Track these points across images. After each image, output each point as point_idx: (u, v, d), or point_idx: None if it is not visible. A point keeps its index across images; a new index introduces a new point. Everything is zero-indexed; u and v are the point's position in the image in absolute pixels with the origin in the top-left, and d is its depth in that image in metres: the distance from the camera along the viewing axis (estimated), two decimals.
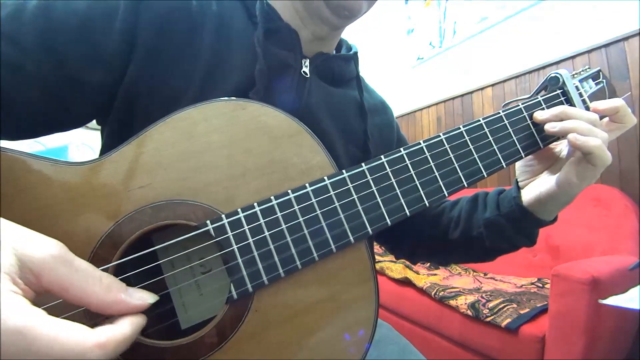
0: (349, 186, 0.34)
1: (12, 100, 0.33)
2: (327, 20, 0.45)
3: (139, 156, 0.30)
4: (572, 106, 0.44)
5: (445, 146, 0.38)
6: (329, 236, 0.32)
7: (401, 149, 0.36)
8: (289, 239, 0.31)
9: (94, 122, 0.43)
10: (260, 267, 0.30)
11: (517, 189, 0.47)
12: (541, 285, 1.31)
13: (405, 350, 0.53)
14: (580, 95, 0.45)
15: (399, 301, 1.45)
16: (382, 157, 0.36)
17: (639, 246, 1.17)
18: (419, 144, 0.37)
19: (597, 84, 0.48)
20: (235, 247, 0.30)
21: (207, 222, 0.30)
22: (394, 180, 0.35)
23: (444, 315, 1.21)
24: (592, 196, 1.35)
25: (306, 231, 0.32)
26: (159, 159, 0.30)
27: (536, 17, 1.74)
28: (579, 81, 0.46)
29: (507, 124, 0.41)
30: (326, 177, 0.34)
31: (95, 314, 0.23)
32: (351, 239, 0.33)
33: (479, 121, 0.40)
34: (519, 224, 0.46)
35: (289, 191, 0.32)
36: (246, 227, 0.31)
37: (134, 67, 0.37)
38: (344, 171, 0.34)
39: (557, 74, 0.46)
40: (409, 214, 0.35)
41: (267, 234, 0.31)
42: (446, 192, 0.37)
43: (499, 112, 0.42)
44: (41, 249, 0.20)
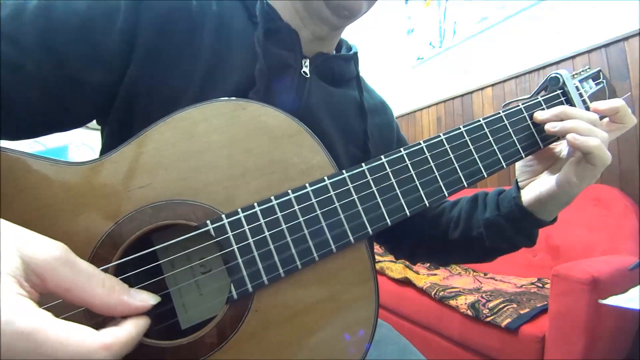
0: (349, 186, 0.34)
1: (12, 100, 0.33)
2: (327, 20, 0.45)
3: (139, 156, 0.30)
4: (572, 106, 0.44)
5: (445, 146, 0.38)
6: (329, 236, 0.32)
7: (401, 149, 0.36)
8: (289, 239, 0.31)
9: (94, 122, 0.43)
10: (260, 267, 0.30)
11: (517, 189, 0.47)
12: (541, 285, 1.31)
13: (405, 350, 0.53)
14: (580, 95, 0.45)
15: (399, 301, 1.45)
16: (382, 157, 0.36)
17: (639, 246, 1.17)
18: (419, 144, 0.37)
19: (597, 84, 0.48)
20: (235, 247, 0.30)
21: (207, 222, 0.30)
22: (394, 180, 0.35)
23: (444, 315, 1.21)
24: (592, 196, 1.35)
25: (306, 231, 0.32)
26: (159, 159, 0.30)
27: (536, 17, 1.74)
28: (579, 81, 0.46)
29: (507, 124, 0.41)
30: (326, 177, 0.34)
31: (95, 315, 0.23)
32: (351, 239, 0.33)
33: (479, 121, 0.40)
34: (518, 224, 0.46)
35: (289, 191, 0.32)
36: (246, 227, 0.31)
37: (134, 67, 0.37)
38: (344, 171, 0.34)
39: (557, 74, 0.46)
40: (409, 214, 0.35)
41: (267, 234, 0.31)
42: (446, 192, 0.37)
43: (499, 112, 0.42)
44: (45, 251, 0.20)
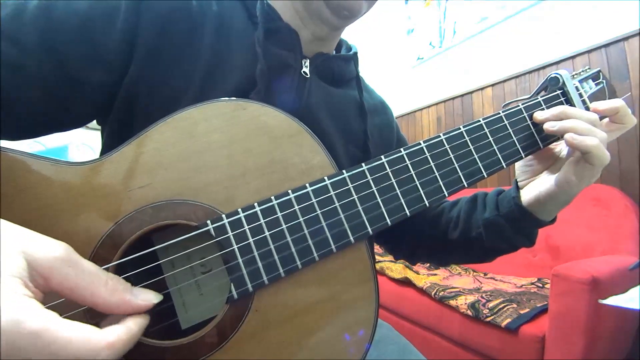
0: (349, 186, 0.34)
1: (13, 100, 0.33)
2: (327, 20, 0.45)
3: (139, 156, 0.30)
4: (572, 106, 0.44)
5: (445, 146, 0.38)
6: (329, 236, 0.32)
7: (401, 149, 0.36)
8: (289, 238, 0.31)
9: (94, 122, 0.43)
10: (260, 266, 0.30)
11: (516, 189, 0.47)
12: (541, 285, 1.31)
13: (405, 350, 0.53)
14: (580, 95, 0.45)
15: (399, 301, 1.45)
16: (382, 157, 0.36)
17: (639, 246, 1.17)
18: (419, 144, 0.37)
19: (597, 85, 0.48)
20: (235, 246, 0.30)
21: (208, 222, 0.30)
22: (394, 180, 0.35)
23: (444, 315, 1.21)
24: (592, 196, 1.35)
25: (306, 231, 0.32)
26: (160, 159, 0.30)
27: (536, 17, 1.74)
28: (579, 81, 0.46)
29: (507, 124, 0.41)
30: (326, 177, 0.34)
31: (96, 313, 0.23)
32: (351, 238, 0.33)
33: (479, 121, 0.40)
34: (518, 224, 0.46)
35: (289, 191, 0.32)
36: (246, 227, 0.31)
37: (134, 67, 0.37)
38: (344, 171, 0.34)
39: (557, 74, 0.46)
40: (409, 214, 0.35)
41: (267, 233, 0.31)
42: (446, 192, 0.37)
43: (499, 113, 0.42)
44: (48, 251, 0.21)
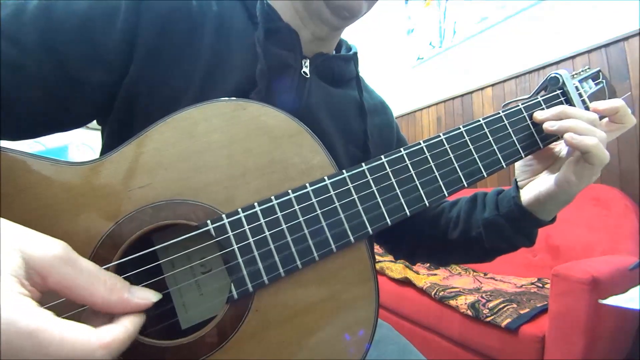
0: (349, 186, 0.34)
1: (13, 100, 0.33)
2: (327, 20, 0.45)
3: (139, 156, 0.30)
4: (572, 106, 0.44)
5: (445, 146, 0.38)
6: (329, 236, 0.32)
7: (401, 149, 0.36)
8: (289, 238, 0.31)
9: (94, 122, 0.43)
10: (260, 266, 0.30)
11: (516, 189, 0.47)
12: (541, 285, 1.31)
13: (405, 350, 0.53)
14: (580, 95, 0.45)
15: (399, 301, 1.45)
16: (382, 157, 0.36)
17: (639, 246, 1.17)
18: (419, 144, 0.37)
19: (596, 84, 0.48)
20: (235, 246, 0.30)
21: (208, 221, 0.30)
22: (394, 180, 0.35)
23: (444, 315, 1.21)
24: (592, 196, 1.35)
25: (306, 231, 0.32)
26: (159, 159, 0.30)
27: (536, 17, 1.74)
28: (579, 81, 0.46)
29: (507, 124, 0.41)
30: (326, 177, 0.34)
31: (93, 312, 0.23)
32: (351, 238, 0.33)
33: (479, 121, 0.40)
34: (518, 223, 0.46)
35: (289, 191, 0.32)
36: (246, 227, 0.31)
37: (134, 67, 0.37)
38: (344, 171, 0.34)
39: (557, 74, 0.46)
40: (409, 213, 0.35)
41: (267, 233, 0.31)
42: (446, 192, 0.37)
43: (499, 112, 0.42)
44: (46, 250, 0.20)
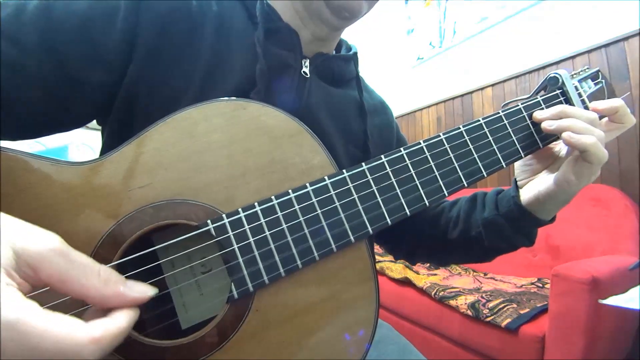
0: (349, 186, 0.34)
1: (13, 100, 0.33)
2: (327, 21, 0.45)
3: (139, 156, 0.30)
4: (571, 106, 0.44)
5: (445, 146, 0.38)
6: (329, 235, 0.32)
7: (401, 148, 0.36)
8: (289, 238, 0.31)
9: (94, 122, 0.43)
10: (260, 266, 0.30)
11: (515, 189, 0.47)
12: (541, 285, 1.31)
13: (405, 350, 0.53)
14: (579, 95, 0.45)
15: (399, 301, 1.45)
16: (383, 156, 0.36)
17: (639, 246, 1.17)
18: (419, 143, 0.37)
19: (596, 84, 0.48)
20: (235, 246, 0.30)
21: (208, 221, 0.30)
22: (394, 179, 0.35)
23: (444, 315, 1.21)
24: (592, 196, 1.35)
25: (307, 231, 0.32)
26: (160, 159, 0.30)
27: (536, 17, 1.74)
28: (578, 81, 0.46)
29: (507, 124, 0.41)
30: (326, 177, 0.34)
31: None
32: (352, 238, 0.33)
33: (479, 121, 0.40)
34: (517, 223, 0.46)
35: (290, 191, 0.32)
36: (247, 227, 0.31)
37: (134, 67, 0.37)
38: (344, 171, 0.34)
39: (557, 74, 0.46)
40: (409, 213, 0.35)
41: (267, 233, 0.31)
42: (446, 192, 0.37)
43: (499, 112, 0.42)
44: (38, 242, 0.20)
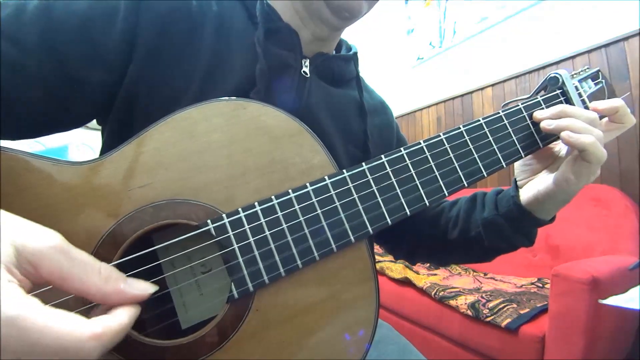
0: (349, 186, 0.34)
1: (13, 100, 0.33)
2: (327, 21, 0.45)
3: (139, 156, 0.30)
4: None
5: (445, 146, 0.38)
6: (329, 235, 0.32)
7: (401, 148, 0.36)
8: (289, 238, 0.31)
9: (94, 122, 0.43)
10: (261, 266, 0.30)
11: (515, 188, 0.47)
12: (541, 285, 1.31)
13: (405, 350, 0.53)
14: (579, 95, 0.45)
15: (399, 301, 1.45)
16: (383, 156, 0.36)
17: (639, 246, 1.17)
18: (419, 143, 0.37)
19: (596, 84, 0.48)
20: (235, 246, 0.30)
21: (208, 221, 0.30)
22: (394, 179, 0.35)
23: (444, 315, 1.21)
24: (592, 196, 1.35)
25: (307, 230, 0.32)
26: (160, 159, 0.30)
27: (536, 17, 1.74)
28: (579, 81, 0.46)
29: (507, 123, 0.41)
30: (327, 177, 0.34)
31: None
32: (352, 238, 0.33)
33: (479, 121, 0.40)
34: (517, 223, 0.46)
35: (290, 190, 0.32)
36: (247, 227, 0.31)
37: (134, 67, 0.37)
38: (344, 171, 0.34)
39: (557, 74, 0.46)
40: (409, 213, 0.35)
41: (267, 233, 0.31)
42: (446, 192, 0.37)
43: (499, 112, 0.42)
44: (39, 239, 0.20)
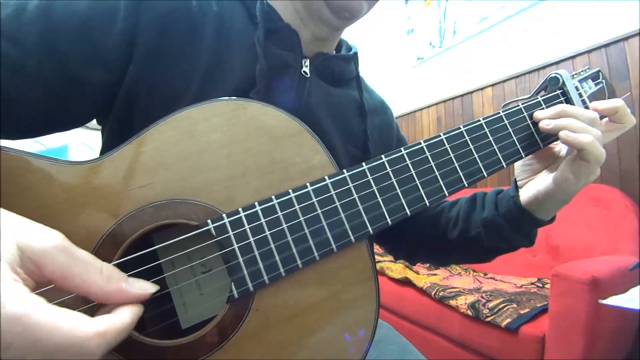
0: (349, 186, 0.34)
1: (13, 100, 0.33)
2: (328, 21, 0.45)
3: (139, 156, 0.30)
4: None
5: (445, 146, 0.38)
6: (329, 235, 0.32)
7: (402, 148, 0.36)
8: (289, 238, 0.31)
9: (94, 122, 0.43)
10: (261, 266, 0.30)
11: (515, 189, 0.47)
12: (541, 285, 1.31)
13: (405, 350, 0.53)
14: (580, 95, 0.45)
15: (399, 301, 1.45)
16: (383, 156, 0.36)
17: (639, 246, 1.17)
18: (420, 143, 0.37)
19: (596, 84, 0.48)
20: (236, 246, 0.30)
21: (208, 221, 0.30)
22: (394, 179, 0.35)
23: (444, 315, 1.21)
24: (592, 196, 1.35)
25: (307, 230, 0.32)
26: (160, 159, 0.30)
27: (536, 17, 1.74)
28: (579, 81, 0.46)
29: (507, 124, 0.41)
30: (327, 177, 0.34)
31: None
32: (352, 238, 0.33)
33: (479, 121, 0.40)
34: (517, 223, 0.46)
35: (290, 190, 0.32)
36: (247, 227, 0.31)
37: (134, 67, 0.37)
38: (344, 171, 0.34)
39: (557, 74, 0.46)
40: (409, 213, 0.35)
41: (267, 233, 0.31)
42: (446, 192, 0.37)
43: (499, 112, 0.42)
44: (42, 239, 0.21)
